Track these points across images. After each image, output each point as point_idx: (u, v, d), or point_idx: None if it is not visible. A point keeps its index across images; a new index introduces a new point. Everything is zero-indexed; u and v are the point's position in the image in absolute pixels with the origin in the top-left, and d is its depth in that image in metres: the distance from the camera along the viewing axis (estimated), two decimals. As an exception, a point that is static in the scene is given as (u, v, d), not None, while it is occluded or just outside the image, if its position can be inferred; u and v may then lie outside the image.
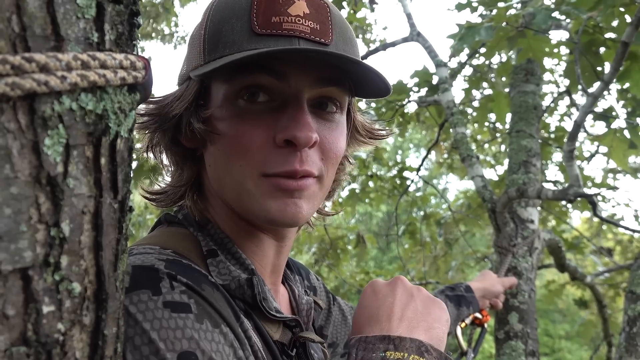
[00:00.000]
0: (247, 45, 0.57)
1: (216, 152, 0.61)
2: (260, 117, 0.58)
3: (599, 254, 3.39)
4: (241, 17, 0.58)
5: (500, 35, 1.81)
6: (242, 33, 0.57)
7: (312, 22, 0.58)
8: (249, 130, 0.58)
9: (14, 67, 0.32)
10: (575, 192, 1.40)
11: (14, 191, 0.32)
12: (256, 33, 0.57)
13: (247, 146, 0.58)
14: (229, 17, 0.58)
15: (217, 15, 0.60)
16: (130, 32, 0.41)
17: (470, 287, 1.23)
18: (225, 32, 0.58)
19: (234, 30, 0.58)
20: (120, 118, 0.39)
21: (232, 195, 0.61)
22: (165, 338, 0.46)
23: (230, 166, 0.59)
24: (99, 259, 0.38)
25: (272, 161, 0.58)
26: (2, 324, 0.31)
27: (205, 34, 0.60)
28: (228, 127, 0.59)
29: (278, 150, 0.58)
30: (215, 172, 0.63)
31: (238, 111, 0.58)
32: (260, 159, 0.58)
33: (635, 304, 1.47)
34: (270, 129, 0.58)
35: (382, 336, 0.56)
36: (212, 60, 0.58)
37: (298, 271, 0.87)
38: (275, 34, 0.57)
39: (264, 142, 0.58)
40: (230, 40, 0.57)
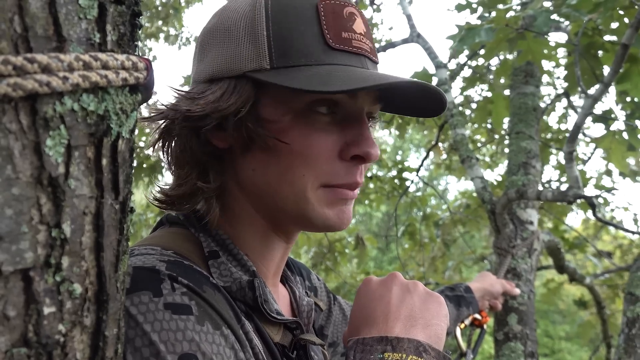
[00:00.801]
0: (325, 58, 0.57)
1: (271, 159, 0.60)
2: (326, 130, 0.59)
3: (599, 256, 3.39)
4: (310, 26, 0.58)
5: (500, 37, 1.81)
6: (316, 44, 0.58)
7: (368, 40, 0.61)
8: (317, 142, 0.59)
9: (16, 67, 0.32)
10: (575, 193, 1.40)
11: (16, 192, 0.32)
12: (330, 47, 0.58)
13: (315, 158, 0.59)
14: (297, 24, 0.58)
15: (280, 18, 0.58)
16: (132, 33, 0.41)
17: (470, 287, 1.23)
18: (296, 40, 0.58)
19: (305, 39, 0.58)
20: (121, 119, 0.39)
21: (285, 202, 0.61)
22: (166, 340, 0.46)
23: (290, 175, 0.59)
24: (100, 260, 0.38)
25: (335, 173, 0.60)
26: (3, 325, 0.31)
27: (269, 35, 0.58)
28: (297, 137, 0.59)
29: (342, 163, 0.60)
30: (264, 178, 0.61)
31: (308, 122, 0.59)
32: (325, 170, 0.59)
33: (635, 306, 1.47)
34: (336, 143, 0.60)
35: (379, 337, 0.56)
36: (282, 66, 0.57)
37: (299, 271, 0.87)
38: (347, 50, 0.59)
39: (330, 154, 0.59)
40: (305, 51, 0.57)
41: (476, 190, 1.96)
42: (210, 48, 0.62)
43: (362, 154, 0.60)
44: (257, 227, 0.65)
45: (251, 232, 0.65)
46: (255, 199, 0.63)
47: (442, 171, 4.29)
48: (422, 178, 3.61)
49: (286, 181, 0.60)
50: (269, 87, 0.59)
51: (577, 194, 1.40)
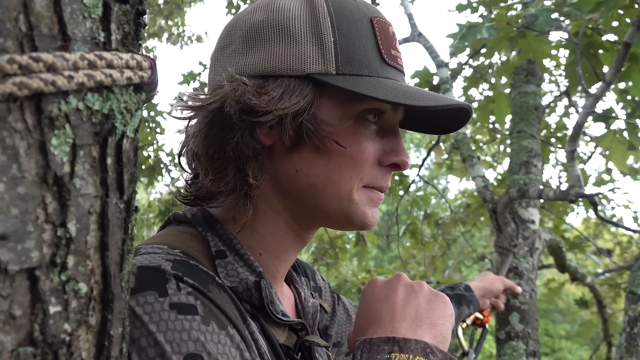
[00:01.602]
0: (382, 72, 0.62)
1: (320, 160, 0.61)
2: (372, 138, 0.64)
3: (599, 254, 3.39)
4: (369, 38, 0.62)
5: (501, 36, 1.81)
6: (374, 57, 0.62)
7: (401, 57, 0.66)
8: (367, 148, 0.63)
9: (22, 66, 0.32)
10: (577, 192, 1.40)
11: (21, 191, 0.32)
12: (385, 62, 0.62)
13: (363, 162, 0.63)
14: (358, 35, 0.61)
15: (345, 26, 0.61)
16: (136, 32, 0.41)
17: (470, 286, 1.23)
18: (359, 50, 0.61)
19: (366, 52, 0.61)
20: (126, 118, 0.39)
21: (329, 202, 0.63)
22: (171, 340, 0.46)
23: (338, 176, 0.62)
24: (105, 259, 0.38)
25: (375, 177, 0.65)
26: (9, 324, 0.31)
27: (336, 42, 0.60)
28: (351, 142, 0.61)
29: (380, 169, 0.65)
30: (308, 178, 0.61)
31: (360, 129, 0.62)
32: (368, 174, 0.64)
33: (636, 305, 1.47)
34: (378, 150, 0.64)
35: (386, 338, 0.56)
36: (348, 73, 0.60)
37: (304, 272, 0.87)
38: (395, 67, 0.64)
39: (374, 160, 0.64)
40: (366, 62, 0.61)
41: (477, 190, 1.96)
42: (260, 43, 0.61)
43: (400, 162, 0.65)
44: (279, 228, 0.65)
45: (272, 232, 0.65)
46: (291, 199, 0.64)
47: (443, 171, 4.29)
48: (423, 177, 3.61)
49: (333, 182, 0.62)
50: (329, 91, 0.60)
51: (578, 193, 1.40)
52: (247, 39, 0.62)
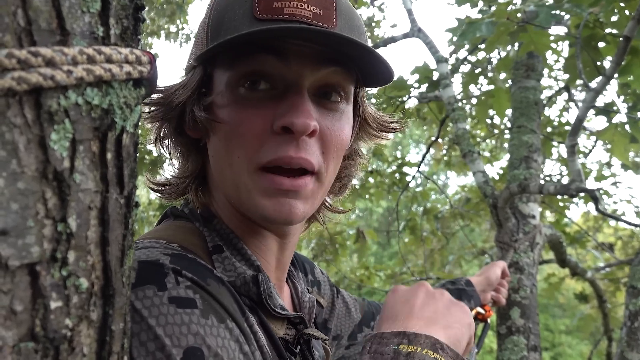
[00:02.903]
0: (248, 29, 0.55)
1: (217, 142, 0.60)
2: (259, 105, 0.57)
3: (600, 249, 3.40)
4: (243, 3, 0.57)
5: (501, 31, 1.80)
6: (243, 18, 0.56)
7: (315, 7, 0.57)
8: (247, 118, 0.56)
9: (20, 61, 0.31)
10: (578, 187, 1.40)
11: (21, 186, 0.32)
12: (257, 18, 0.56)
13: (245, 135, 0.56)
14: (232, 5, 0.58)
15: (221, 4, 0.60)
16: (135, 27, 0.41)
17: (471, 281, 1.23)
18: (228, 19, 0.58)
19: (235, 16, 0.57)
20: (126, 113, 0.39)
21: (230, 189, 0.60)
22: (171, 334, 0.46)
23: (229, 157, 0.58)
24: (105, 254, 0.38)
25: (267, 149, 0.56)
26: (10, 320, 0.31)
27: (208, 22, 0.60)
28: (228, 115, 0.58)
29: (274, 138, 0.56)
30: (217, 164, 0.61)
31: (239, 98, 0.57)
32: (256, 147, 0.56)
33: (637, 299, 1.47)
34: (269, 117, 0.56)
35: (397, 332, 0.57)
36: None
37: (302, 266, 0.87)
38: (275, 18, 0.56)
39: (261, 130, 0.56)
40: (232, 26, 0.57)
41: (478, 185, 1.96)
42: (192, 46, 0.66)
43: (287, 123, 0.55)
44: (242, 220, 0.64)
45: (239, 225, 0.64)
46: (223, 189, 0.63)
47: (442, 167, 4.29)
48: (423, 173, 3.61)
49: (229, 165, 0.59)
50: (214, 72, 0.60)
51: (579, 188, 1.40)
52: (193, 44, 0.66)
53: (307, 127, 0.55)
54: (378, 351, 0.55)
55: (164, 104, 0.61)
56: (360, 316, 0.97)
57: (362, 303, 1.01)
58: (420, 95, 2.66)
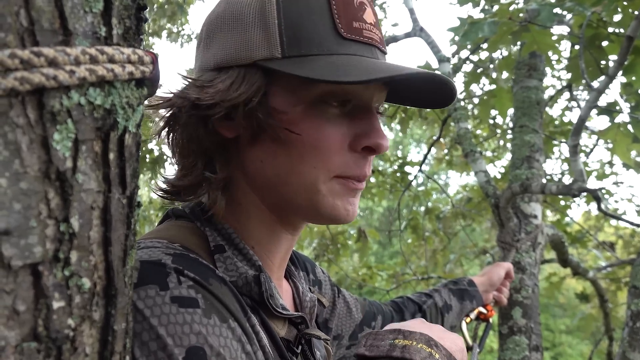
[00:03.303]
0: (337, 48, 0.57)
1: (280, 150, 0.59)
2: (337, 122, 0.59)
3: (601, 248, 3.39)
4: (322, 15, 0.57)
5: (504, 30, 1.80)
6: (327, 34, 0.57)
7: (378, 31, 0.61)
8: (329, 134, 0.59)
9: (23, 61, 0.31)
10: (580, 187, 1.39)
11: (24, 186, 0.32)
12: (342, 36, 0.57)
13: (326, 150, 0.59)
14: (308, 13, 0.57)
15: (291, 6, 0.58)
16: (137, 27, 0.41)
17: (473, 281, 1.23)
18: (307, 29, 0.57)
19: (317, 29, 0.57)
20: (128, 113, 0.39)
21: (294, 193, 0.61)
22: (173, 333, 0.46)
23: (301, 166, 0.59)
24: (108, 254, 0.38)
25: (346, 165, 0.60)
26: (13, 320, 0.31)
27: (280, 24, 0.57)
28: (308, 129, 0.58)
29: (352, 155, 0.60)
30: (273, 169, 0.60)
31: (319, 114, 0.59)
32: (337, 162, 0.59)
33: (639, 299, 1.47)
34: (346, 135, 0.60)
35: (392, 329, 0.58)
36: (294, 55, 0.57)
37: (304, 265, 0.87)
38: (358, 40, 0.58)
39: (340, 146, 0.59)
40: (317, 40, 0.57)
41: (480, 184, 1.95)
42: (218, 35, 0.60)
43: (373, 145, 0.60)
44: (263, 220, 0.64)
45: (257, 225, 0.65)
46: (263, 191, 0.63)
47: (443, 166, 4.29)
48: (424, 172, 3.61)
49: (296, 172, 0.59)
50: (279, 77, 0.58)
51: (581, 188, 1.40)
52: (209, 34, 0.62)
53: (387, 147, 0.61)
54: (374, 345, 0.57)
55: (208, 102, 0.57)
56: (361, 316, 0.97)
57: (363, 303, 1.01)
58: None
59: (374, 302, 1.05)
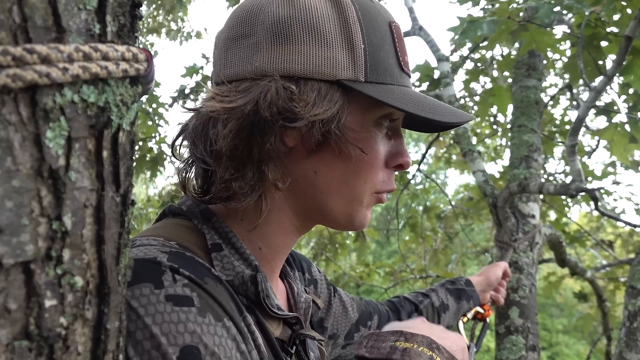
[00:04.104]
0: (400, 79, 0.63)
1: (339, 164, 0.62)
2: (383, 142, 0.65)
3: (599, 247, 3.39)
4: (390, 45, 0.63)
5: (503, 29, 1.80)
6: (394, 64, 0.63)
7: None
8: (380, 153, 0.64)
9: (15, 58, 0.31)
10: (577, 187, 1.39)
11: (16, 184, 0.32)
12: (402, 69, 0.63)
13: (376, 167, 0.64)
14: (383, 43, 0.62)
15: (372, 32, 0.61)
16: (132, 24, 0.41)
17: (471, 281, 1.23)
18: (383, 58, 0.61)
19: (388, 59, 0.62)
20: (122, 111, 0.39)
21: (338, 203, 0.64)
22: (167, 332, 0.46)
23: (354, 180, 0.63)
24: (101, 252, 0.37)
25: (383, 181, 0.66)
26: (4, 318, 0.31)
27: (366, 49, 0.60)
28: (370, 148, 0.63)
29: (387, 172, 0.66)
30: (325, 180, 0.62)
31: (375, 133, 0.63)
32: (380, 178, 0.65)
33: (636, 299, 1.47)
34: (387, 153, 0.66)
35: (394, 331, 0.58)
36: (374, 81, 0.60)
37: (299, 264, 0.87)
38: (408, 73, 0.65)
39: (383, 164, 0.65)
40: (389, 70, 0.62)
41: (478, 184, 1.95)
42: (289, 40, 0.58)
43: (404, 163, 0.66)
44: (282, 225, 0.65)
45: (274, 229, 0.65)
46: (301, 198, 0.64)
47: (442, 165, 4.29)
48: (423, 171, 3.61)
49: (349, 185, 0.63)
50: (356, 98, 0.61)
51: (579, 188, 1.40)
52: (273, 34, 0.58)
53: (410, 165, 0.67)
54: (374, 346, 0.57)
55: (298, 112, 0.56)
56: (357, 315, 0.97)
57: (359, 302, 1.00)
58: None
59: (370, 302, 1.05)
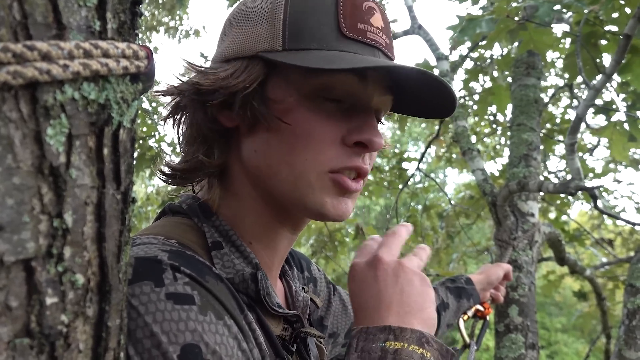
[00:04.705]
0: (337, 44, 0.58)
1: (273, 140, 0.60)
2: (330, 117, 0.60)
3: (599, 245, 3.40)
4: (327, 13, 0.59)
5: (501, 28, 1.80)
6: (330, 31, 0.59)
7: (386, 36, 0.62)
8: (320, 126, 0.59)
9: (16, 55, 0.31)
10: (577, 185, 1.40)
11: (17, 181, 0.31)
12: (344, 35, 0.59)
13: (316, 141, 0.59)
14: (314, 10, 0.59)
15: (299, 4, 0.60)
16: (132, 21, 0.41)
17: (471, 279, 1.23)
18: (311, 25, 0.59)
19: (320, 25, 0.59)
20: (122, 108, 0.38)
21: (283, 184, 0.61)
22: (168, 330, 0.46)
23: (293, 157, 0.59)
24: (102, 250, 0.37)
25: (338, 158, 0.60)
26: (5, 316, 0.31)
27: (285, 19, 0.59)
28: (300, 120, 0.59)
29: (345, 149, 0.60)
30: (265, 159, 0.61)
31: (313, 106, 0.59)
32: (329, 155, 0.59)
33: (635, 297, 1.47)
34: (340, 129, 0.60)
35: (382, 327, 0.56)
36: (294, 49, 0.58)
37: (298, 263, 0.87)
38: (361, 40, 0.59)
39: (333, 140, 0.59)
40: (318, 35, 0.58)
41: (477, 183, 1.96)
42: (230, 31, 0.64)
43: (365, 140, 0.59)
44: (260, 214, 0.64)
45: (254, 219, 0.64)
46: (257, 182, 0.63)
47: (443, 164, 4.29)
48: (422, 170, 3.61)
49: (287, 163, 0.60)
50: (279, 69, 0.60)
51: (578, 186, 1.40)
52: (224, 30, 0.65)
53: (381, 145, 0.60)
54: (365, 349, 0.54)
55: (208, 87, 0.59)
56: None
57: None
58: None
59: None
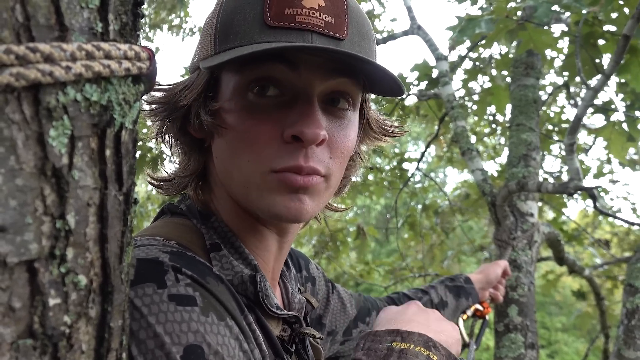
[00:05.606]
0: (258, 37, 0.55)
1: (224, 145, 0.60)
2: (268, 112, 0.57)
3: (596, 245, 3.41)
4: (254, 7, 0.56)
5: (501, 28, 1.80)
6: (253, 24, 0.55)
7: (328, 15, 0.56)
8: (256, 125, 0.56)
9: (19, 57, 0.31)
10: (576, 185, 1.40)
11: (19, 183, 0.32)
12: (268, 25, 0.55)
13: (254, 141, 0.56)
14: (242, 7, 0.56)
15: (230, 4, 0.58)
16: (134, 23, 0.41)
17: (470, 278, 1.24)
18: (237, 22, 0.56)
19: (245, 21, 0.56)
20: (124, 109, 0.39)
21: (238, 188, 0.60)
22: (170, 332, 0.46)
23: (238, 160, 0.58)
24: (104, 251, 0.37)
25: (279, 157, 0.56)
26: (9, 317, 0.31)
27: (217, 23, 0.58)
28: (236, 121, 0.57)
29: (285, 146, 0.56)
30: (222, 165, 0.61)
31: (247, 105, 0.57)
32: (268, 154, 0.56)
33: (634, 297, 1.47)
34: (279, 125, 0.56)
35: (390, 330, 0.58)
36: (222, 51, 0.56)
37: (297, 262, 0.87)
38: (287, 26, 0.55)
39: (271, 137, 0.56)
40: (242, 31, 0.56)
41: (476, 183, 1.96)
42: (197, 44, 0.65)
43: (297, 133, 0.55)
44: (244, 219, 0.64)
45: (240, 224, 0.64)
46: (229, 189, 0.64)
47: (443, 163, 4.29)
48: (422, 170, 3.61)
49: (235, 167, 0.59)
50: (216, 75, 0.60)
51: (577, 186, 1.40)
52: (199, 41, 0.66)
53: (317, 137, 0.55)
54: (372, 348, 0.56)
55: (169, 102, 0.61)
56: (356, 312, 0.98)
57: (357, 298, 1.01)
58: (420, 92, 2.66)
59: (369, 298, 1.05)
